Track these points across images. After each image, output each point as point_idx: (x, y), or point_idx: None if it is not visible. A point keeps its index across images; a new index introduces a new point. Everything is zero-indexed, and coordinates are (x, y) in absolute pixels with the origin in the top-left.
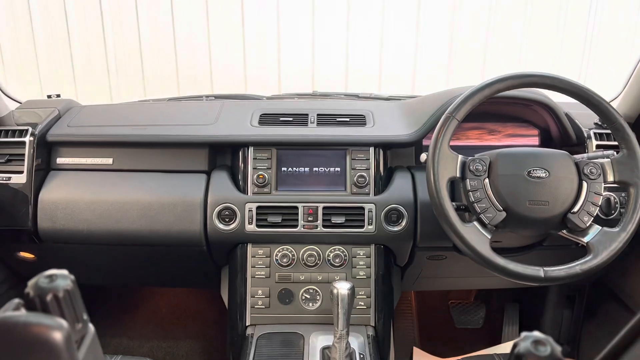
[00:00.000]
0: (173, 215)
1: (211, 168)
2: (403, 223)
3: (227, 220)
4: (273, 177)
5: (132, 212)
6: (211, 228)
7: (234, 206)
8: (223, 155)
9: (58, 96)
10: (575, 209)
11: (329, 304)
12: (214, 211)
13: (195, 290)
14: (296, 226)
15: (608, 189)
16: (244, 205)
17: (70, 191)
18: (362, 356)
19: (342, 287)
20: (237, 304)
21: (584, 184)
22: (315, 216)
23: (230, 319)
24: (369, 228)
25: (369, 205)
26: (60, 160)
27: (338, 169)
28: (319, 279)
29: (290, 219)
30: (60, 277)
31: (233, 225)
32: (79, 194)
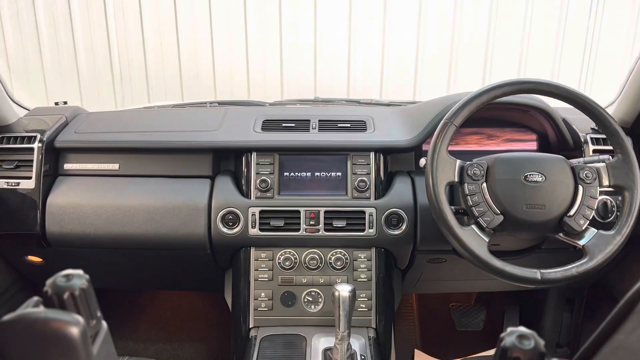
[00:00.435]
0: (178, 219)
1: (215, 173)
2: (403, 227)
3: (231, 224)
4: (275, 182)
5: (138, 217)
6: (215, 232)
7: (238, 210)
8: (227, 160)
9: (65, 103)
10: (571, 213)
11: (331, 306)
12: (218, 215)
13: (199, 293)
14: (298, 230)
15: (605, 193)
16: (247, 209)
17: (77, 196)
18: (364, 357)
19: (343, 290)
20: (241, 307)
21: (580, 188)
22: (317, 220)
23: (234, 321)
24: (370, 232)
25: (370, 209)
26: (67, 165)
27: (339, 174)
28: (321, 282)
29: (292, 223)
30: (76, 277)
31: (237, 229)
32: (86, 199)
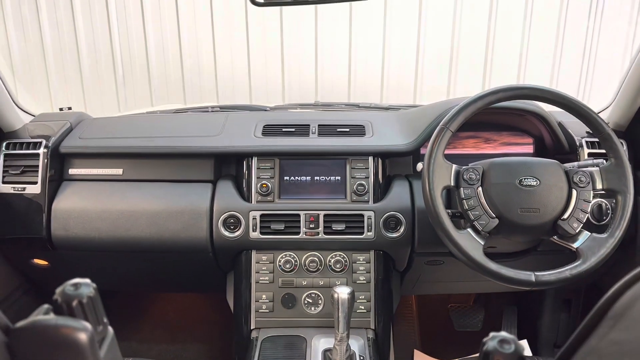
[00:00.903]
0: (180, 223)
1: (217, 178)
2: (401, 230)
3: (232, 227)
4: (276, 186)
5: (141, 221)
6: (217, 235)
7: (239, 214)
8: (228, 165)
9: (69, 109)
10: (565, 216)
11: (331, 308)
12: (220, 219)
13: (201, 295)
14: (298, 233)
15: (599, 196)
16: (248, 213)
17: (82, 201)
18: (362, 358)
19: (343, 292)
20: (242, 309)
21: (574, 192)
22: (316, 223)
23: (235, 323)
24: (369, 234)
25: (368, 212)
26: (72, 171)
27: (338, 178)
28: (321, 284)
29: (292, 226)
30: (84, 285)
31: (238, 232)
32: (91, 204)
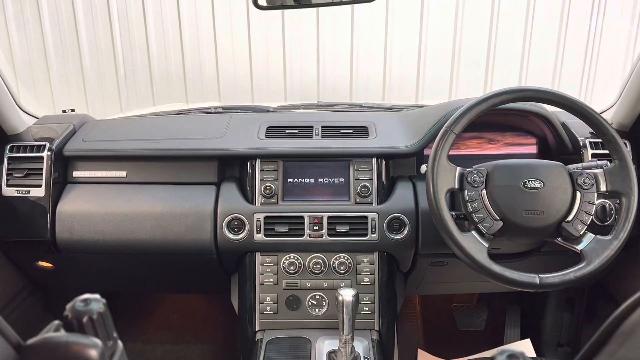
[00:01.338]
0: (184, 225)
1: (220, 180)
2: (405, 231)
3: (236, 230)
4: (280, 188)
5: (145, 223)
6: (221, 238)
7: (243, 216)
8: (232, 167)
9: (72, 111)
10: (569, 218)
11: (335, 310)
12: (224, 221)
13: (206, 295)
14: (302, 235)
15: (603, 197)
16: (252, 215)
17: (86, 203)
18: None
19: (347, 294)
20: (247, 310)
21: (578, 194)
22: (320, 225)
23: (240, 325)
24: (372, 236)
25: (372, 214)
26: (76, 173)
27: (342, 180)
28: (325, 286)
29: (296, 228)
30: (94, 301)
31: (242, 234)
32: (95, 206)
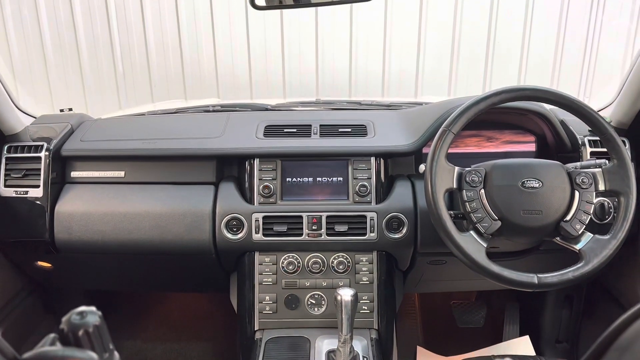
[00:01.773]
0: (183, 225)
1: (219, 179)
2: (404, 230)
3: (235, 229)
4: (278, 188)
5: (144, 223)
6: (220, 237)
7: (241, 216)
8: (230, 166)
9: (70, 110)
10: (567, 218)
11: (334, 309)
12: (222, 221)
13: (205, 294)
14: (301, 235)
15: (601, 196)
16: (251, 215)
17: (84, 204)
18: (366, 359)
19: (346, 294)
20: (246, 309)
21: (576, 194)
22: (319, 225)
23: (239, 324)
24: (371, 235)
25: (371, 213)
26: (74, 173)
27: (340, 179)
28: (324, 285)
29: (295, 228)
30: (90, 314)
31: (241, 234)
32: (93, 206)
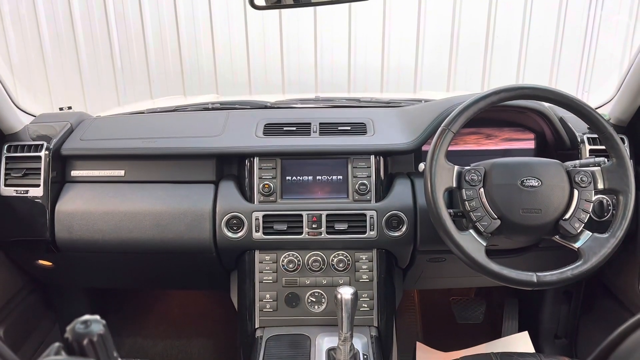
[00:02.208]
0: (183, 224)
1: (219, 178)
2: (403, 228)
3: (235, 228)
4: (278, 186)
5: (144, 222)
6: (220, 236)
7: (242, 215)
8: (230, 165)
9: (69, 108)
10: (566, 216)
11: (334, 306)
12: (223, 220)
13: (205, 291)
14: (301, 233)
15: (600, 194)
16: (251, 214)
17: (85, 203)
18: (366, 357)
19: (346, 293)
20: (247, 307)
21: (575, 192)
22: (319, 223)
23: (240, 322)
24: (371, 234)
25: (371, 212)
26: (74, 173)
27: (340, 177)
28: (324, 283)
29: (295, 227)
30: (94, 323)
31: (241, 233)
32: (94, 206)
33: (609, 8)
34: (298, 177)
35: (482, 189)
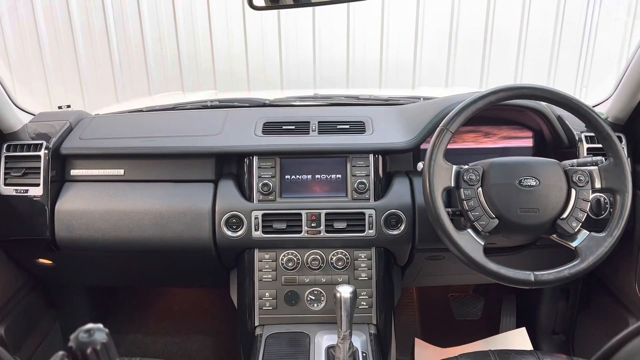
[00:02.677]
0: (183, 223)
1: (218, 177)
2: (402, 227)
3: (235, 227)
4: (277, 185)
5: (144, 221)
6: (219, 235)
7: (241, 214)
8: (229, 164)
9: (68, 107)
10: (564, 215)
11: (333, 304)
12: (222, 219)
13: (205, 289)
14: (300, 232)
15: (598, 192)
16: (250, 213)
17: (85, 202)
18: (365, 355)
19: (345, 291)
20: (246, 305)
21: (573, 192)
22: (318, 222)
23: (240, 319)
24: (370, 232)
25: (369, 210)
26: (74, 172)
27: (339, 176)
28: (323, 281)
29: (294, 225)
30: (97, 331)
31: (240, 232)
32: (94, 205)
33: (607, 6)
34: (297, 176)
35: (480, 189)
